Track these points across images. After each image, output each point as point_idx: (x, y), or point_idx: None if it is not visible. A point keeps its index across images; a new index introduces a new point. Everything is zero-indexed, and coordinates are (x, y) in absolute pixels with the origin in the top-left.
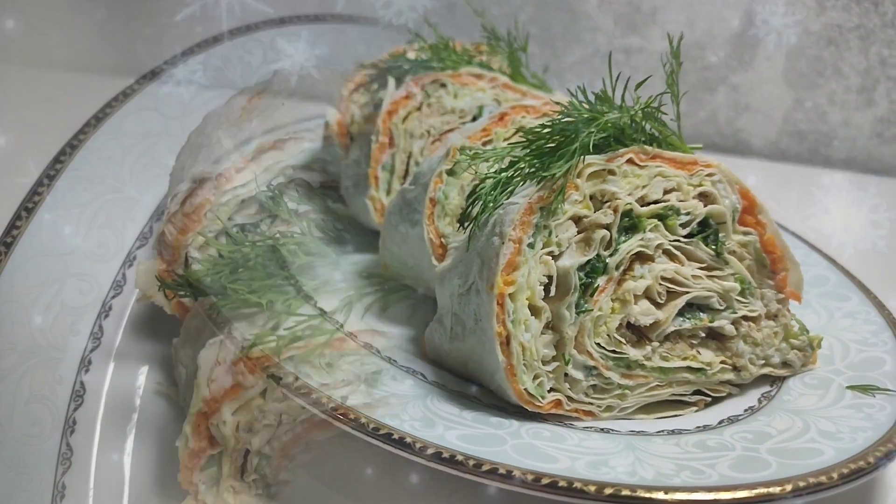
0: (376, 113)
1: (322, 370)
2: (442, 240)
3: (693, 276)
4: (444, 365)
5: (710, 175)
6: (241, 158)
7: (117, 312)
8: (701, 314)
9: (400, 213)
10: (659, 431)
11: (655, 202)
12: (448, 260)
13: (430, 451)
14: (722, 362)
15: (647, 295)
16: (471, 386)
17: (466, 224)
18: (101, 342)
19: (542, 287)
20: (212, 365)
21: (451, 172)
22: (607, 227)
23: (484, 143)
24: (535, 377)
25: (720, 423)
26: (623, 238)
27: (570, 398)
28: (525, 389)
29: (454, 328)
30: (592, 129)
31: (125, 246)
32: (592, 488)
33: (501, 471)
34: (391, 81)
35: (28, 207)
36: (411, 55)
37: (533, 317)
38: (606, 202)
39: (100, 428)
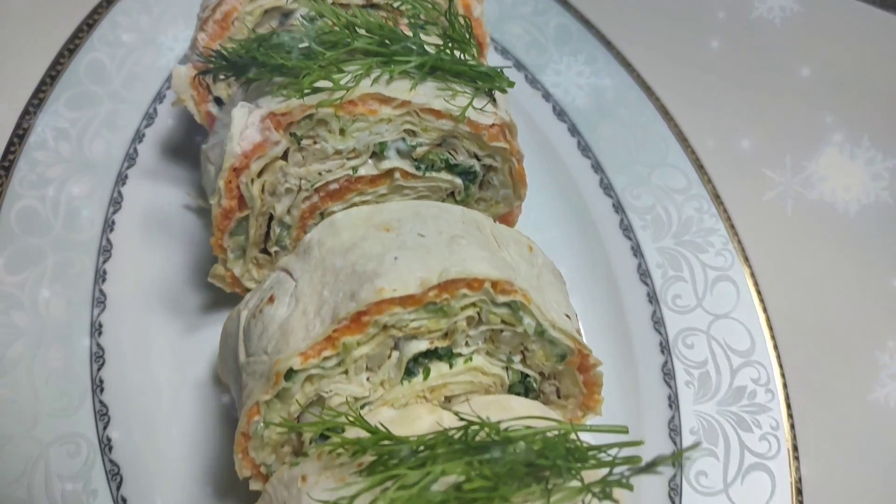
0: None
1: (335, 135)
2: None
3: None
4: None
5: None
6: None
7: (150, 139)
8: None
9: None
10: None
11: None
12: None
13: None
14: None
15: None
16: None
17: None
18: (136, 162)
19: None
20: (243, 126)
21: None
22: None
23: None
24: None
25: None
26: None
27: None
28: None
29: None
30: None
31: (155, 85)
32: None
33: None
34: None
35: (70, 49)
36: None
37: None
38: None
39: (135, 229)
